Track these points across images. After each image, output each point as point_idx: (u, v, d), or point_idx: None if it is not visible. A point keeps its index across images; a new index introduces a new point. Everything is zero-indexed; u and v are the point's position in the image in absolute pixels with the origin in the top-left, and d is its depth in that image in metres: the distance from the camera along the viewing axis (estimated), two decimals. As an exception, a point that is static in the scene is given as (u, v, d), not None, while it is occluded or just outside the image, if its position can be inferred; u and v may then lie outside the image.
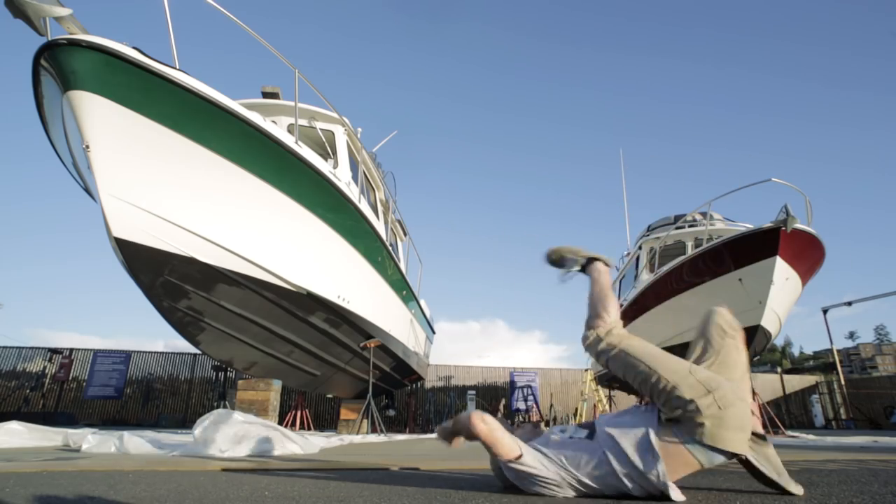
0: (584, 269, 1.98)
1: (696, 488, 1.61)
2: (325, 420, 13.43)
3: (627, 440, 1.45)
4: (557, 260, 2.02)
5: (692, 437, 1.42)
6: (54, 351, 13.14)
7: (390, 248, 7.20)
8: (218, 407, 9.34)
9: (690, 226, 9.14)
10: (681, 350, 1.59)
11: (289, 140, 4.46)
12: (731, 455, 1.45)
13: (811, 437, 6.75)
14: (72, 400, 13.18)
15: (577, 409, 15.27)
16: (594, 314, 1.77)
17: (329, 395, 11.82)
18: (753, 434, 1.50)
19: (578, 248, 2.01)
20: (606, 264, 1.99)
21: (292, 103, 5.27)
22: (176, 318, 4.50)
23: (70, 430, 4.08)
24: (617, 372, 1.65)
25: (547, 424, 14.17)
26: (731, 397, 1.44)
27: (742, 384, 1.53)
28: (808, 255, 6.45)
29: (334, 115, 6.38)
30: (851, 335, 77.06)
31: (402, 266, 8.51)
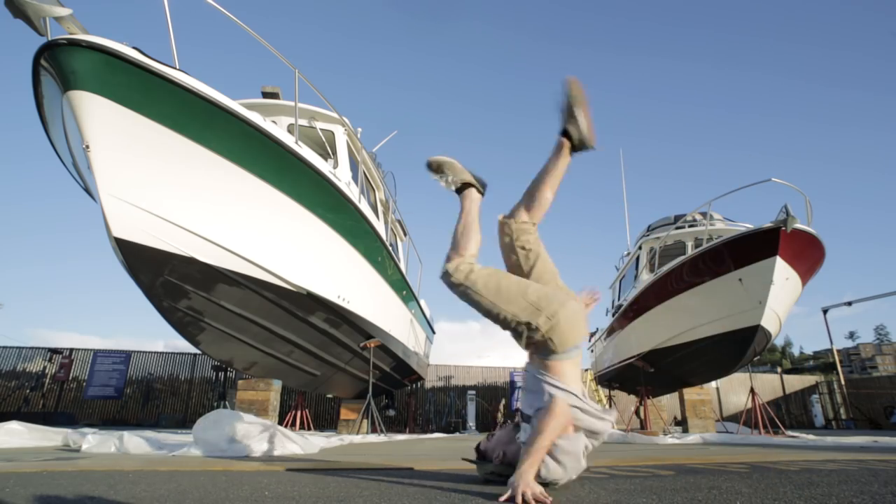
0: (459, 192, 1.96)
1: (696, 488, 1.61)
2: (325, 420, 13.43)
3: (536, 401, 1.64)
4: (437, 169, 2.00)
5: (549, 352, 1.65)
6: (54, 351, 13.14)
7: (390, 248, 7.19)
8: (218, 407, 9.35)
9: (690, 226, 9.13)
10: (680, 350, 1.62)
11: (289, 140, 4.45)
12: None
13: (811, 437, 6.75)
14: (72, 400, 13.18)
15: (577, 409, 15.27)
16: (451, 248, 1.83)
17: (329, 395, 11.82)
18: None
19: (461, 168, 1.98)
20: (480, 192, 1.99)
21: (292, 103, 5.27)
22: (176, 318, 4.50)
23: (70, 430, 4.08)
24: (475, 308, 1.74)
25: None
26: (556, 306, 1.64)
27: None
28: (808, 255, 6.44)
29: (334, 115, 6.38)
30: (851, 335, 77.12)
31: (402, 266, 8.50)
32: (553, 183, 1.86)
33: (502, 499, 1.33)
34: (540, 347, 1.69)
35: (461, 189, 1.97)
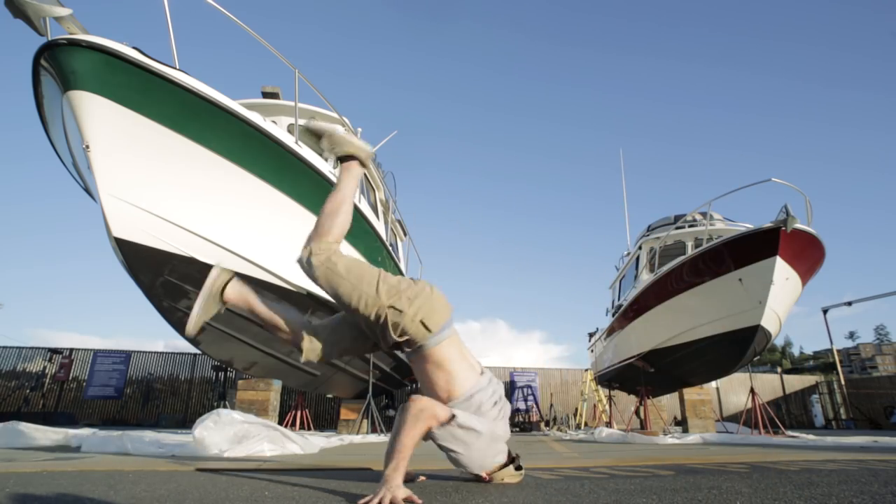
0: (340, 161, 1.83)
1: (696, 488, 1.61)
2: (325, 420, 13.42)
3: None
4: (317, 137, 1.86)
5: (424, 338, 1.59)
6: (54, 351, 13.14)
7: (390, 248, 7.19)
8: (218, 407, 9.33)
9: (690, 226, 9.12)
10: (680, 350, 1.60)
11: (289, 140, 4.46)
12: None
13: (811, 437, 6.74)
14: (72, 400, 13.18)
15: (577, 409, 15.26)
16: (314, 231, 1.70)
17: (329, 395, 11.81)
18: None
19: (342, 137, 1.82)
20: (363, 164, 1.84)
21: (292, 103, 5.27)
22: (176, 318, 4.50)
23: (70, 430, 4.08)
24: (336, 297, 1.63)
25: (547, 424, 14.16)
26: (418, 289, 1.60)
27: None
28: (808, 255, 6.44)
29: (334, 115, 6.38)
30: (851, 335, 77.20)
31: (402, 266, 8.50)
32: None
33: (362, 502, 1.27)
34: (413, 337, 1.60)
35: (343, 159, 1.83)
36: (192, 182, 3.98)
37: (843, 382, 16.95)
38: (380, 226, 7.05)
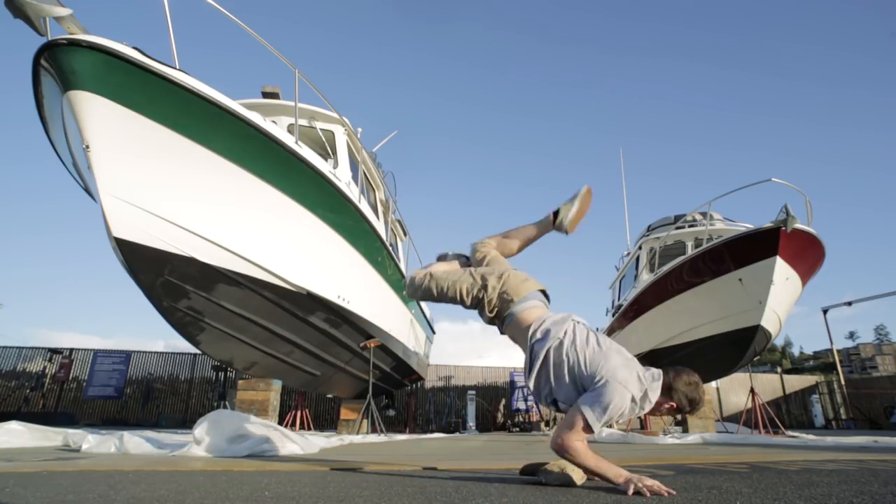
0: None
1: (696, 489, 1.61)
2: (325, 420, 13.42)
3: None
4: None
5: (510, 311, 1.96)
6: (54, 351, 13.13)
7: (390, 248, 7.19)
8: (218, 407, 9.35)
9: (690, 226, 9.12)
10: (680, 350, 1.61)
11: (289, 140, 4.45)
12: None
13: (811, 437, 6.74)
14: (72, 400, 13.17)
15: (577, 409, 15.25)
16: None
17: (329, 395, 11.81)
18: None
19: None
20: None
21: (292, 103, 5.27)
22: (176, 318, 4.50)
23: (70, 430, 4.08)
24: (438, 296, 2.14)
25: (547, 424, 14.15)
26: (500, 272, 2.03)
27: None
28: (808, 255, 6.44)
29: (334, 115, 6.38)
30: (851, 335, 77.25)
31: (402, 266, 8.50)
32: (524, 242, 2.41)
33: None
34: (500, 309, 2.00)
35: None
36: (192, 182, 3.98)
37: (843, 382, 16.94)
38: (380, 226, 7.04)
